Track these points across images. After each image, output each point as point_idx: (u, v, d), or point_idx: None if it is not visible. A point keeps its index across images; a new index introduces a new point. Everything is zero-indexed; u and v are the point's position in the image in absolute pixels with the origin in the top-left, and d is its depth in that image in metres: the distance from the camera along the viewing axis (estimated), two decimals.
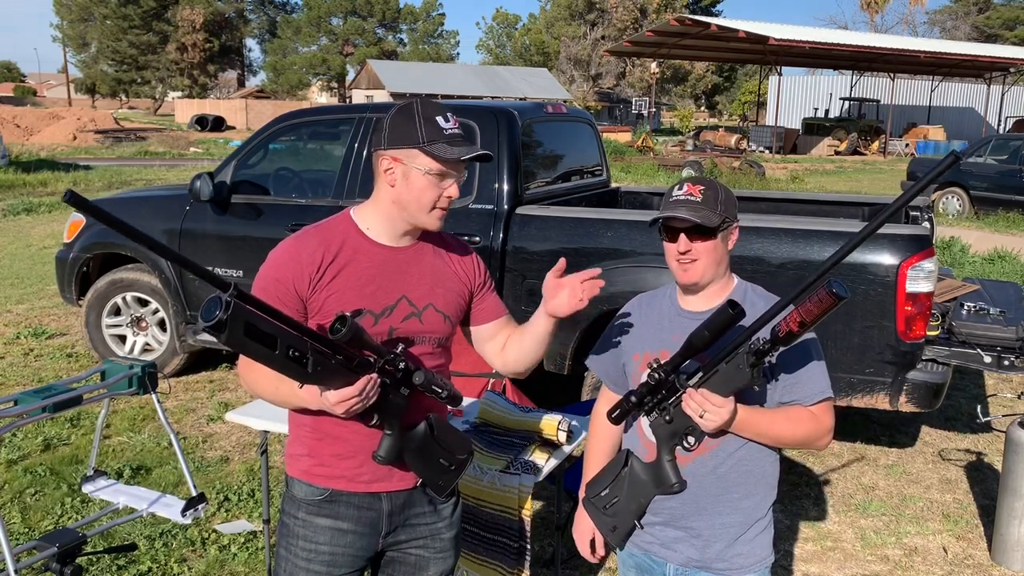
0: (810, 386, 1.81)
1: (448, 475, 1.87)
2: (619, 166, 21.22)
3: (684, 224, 1.80)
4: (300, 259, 1.79)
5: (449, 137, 1.75)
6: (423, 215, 1.80)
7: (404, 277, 1.85)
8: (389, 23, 65.97)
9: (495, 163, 4.49)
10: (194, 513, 2.54)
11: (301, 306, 1.79)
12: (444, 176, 1.77)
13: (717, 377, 1.69)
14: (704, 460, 1.83)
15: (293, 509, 1.90)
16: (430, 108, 1.78)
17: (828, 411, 1.84)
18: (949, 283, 5.00)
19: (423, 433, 1.80)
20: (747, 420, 1.76)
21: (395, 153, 1.77)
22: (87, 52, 59.00)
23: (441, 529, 1.98)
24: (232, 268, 5.11)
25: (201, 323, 1.40)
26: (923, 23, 72.00)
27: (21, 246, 10.59)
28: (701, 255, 1.82)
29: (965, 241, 10.59)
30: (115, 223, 1.35)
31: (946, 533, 3.83)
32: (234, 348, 1.47)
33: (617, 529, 1.91)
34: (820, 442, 1.85)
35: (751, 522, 1.88)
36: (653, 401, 1.79)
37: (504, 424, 3.01)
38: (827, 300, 1.49)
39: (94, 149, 26.82)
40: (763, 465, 1.87)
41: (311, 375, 1.57)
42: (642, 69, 52.48)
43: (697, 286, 1.87)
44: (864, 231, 1.50)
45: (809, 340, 1.82)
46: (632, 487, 1.87)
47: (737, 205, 1.89)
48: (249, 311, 1.45)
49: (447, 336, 1.94)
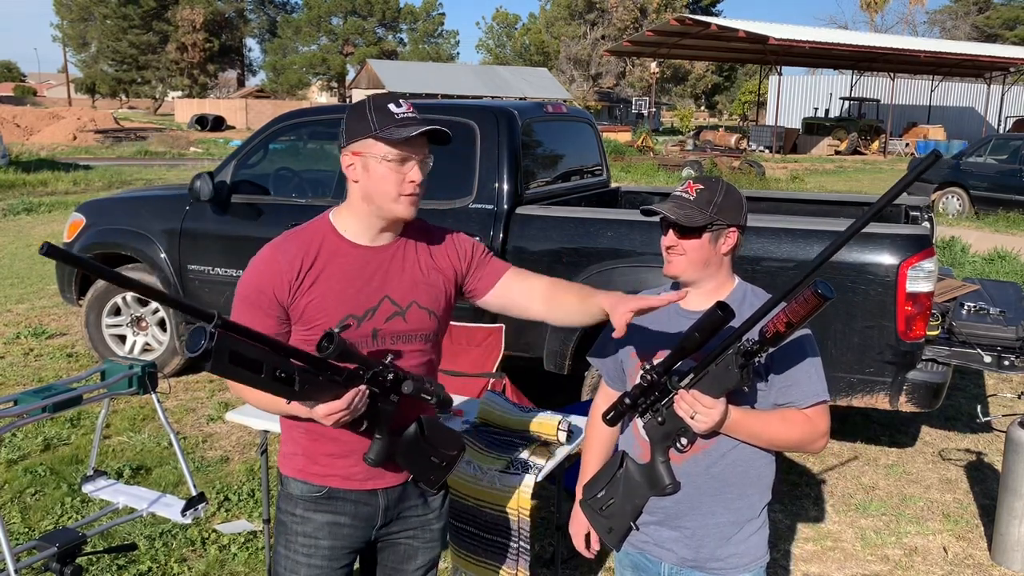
0: (805, 388, 1.81)
1: (439, 471, 1.89)
2: (619, 166, 21.21)
3: (676, 220, 1.83)
4: (279, 267, 1.79)
5: (401, 120, 1.74)
6: (390, 203, 1.78)
7: (385, 277, 1.85)
8: (389, 23, 65.95)
9: (495, 163, 4.49)
10: (194, 513, 2.54)
11: (284, 313, 1.79)
12: (403, 160, 1.76)
13: (707, 378, 1.69)
14: (697, 459, 1.84)
15: (290, 507, 1.91)
16: (382, 98, 1.79)
17: (823, 414, 1.84)
18: (949, 283, 5.00)
19: (413, 435, 1.81)
20: (740, 422, 1.77)
21: (353, 147, 1.78)
22: (87, 52, 58.98)
23: (431, 520, 2.02)
24: (232, 268, 5.11)
25: (187, 353, 1.42)
26: (923, 23, 72.09)
27: (21, 246, 10.59)
28: (687, 251, 1.84)
29: (965, 241, 10.59)
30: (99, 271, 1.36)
31: (946, 533, 3.83)
32: (221, 375, 1.49)
33: (613, 531, 1.91)
34: (814, 445, 1.85)
35: (745, 522, 1.88)
36: (646, 402, 1.79)
37: (504, 424, 3.01)
38: (812, 301, 1.50)
39: (94, 149, 26.81)
40: (758, 466, 1.88)
41: (298, 393, 1.59)
42: (642, 69, 52.48)
43: (678, 280, 1.90)
44: (849, 230, 1.52)
45: (806, 342, 1.83)
46: (627, 489, 1.87)
47: (743, 209, 1.88)
48: (234, 339, 1.46)
49: (435, 332, 1.93)
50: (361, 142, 1.76)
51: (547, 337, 4.37)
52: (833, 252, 1.55)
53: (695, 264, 1.85)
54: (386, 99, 1.78)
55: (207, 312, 1.42)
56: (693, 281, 1.89)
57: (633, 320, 1.97)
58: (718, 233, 1.84)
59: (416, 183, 1.78)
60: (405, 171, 1.77)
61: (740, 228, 1.89)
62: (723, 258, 1.88)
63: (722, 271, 1.90)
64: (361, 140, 1.76)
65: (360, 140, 1.76)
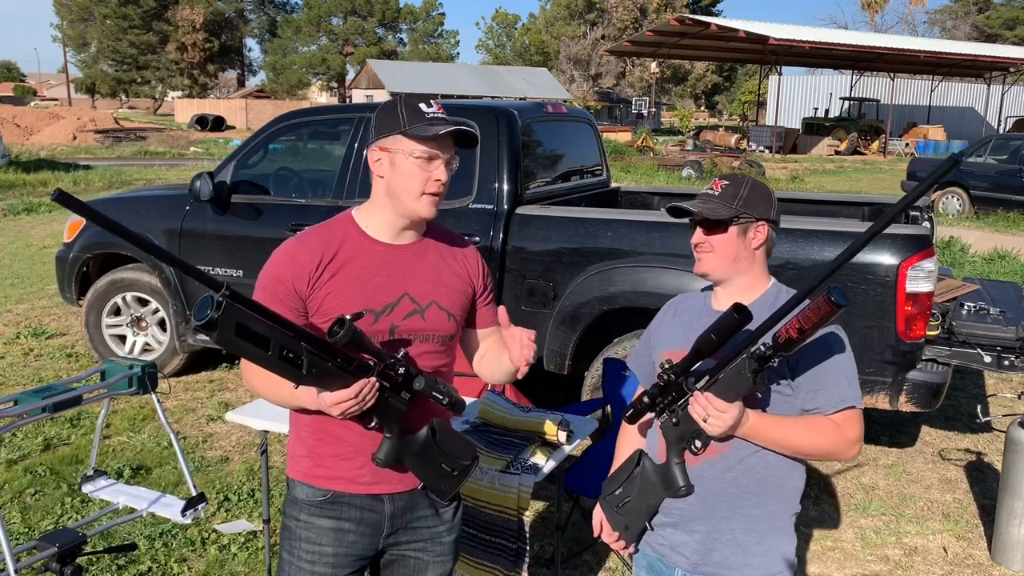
0: (832, 393, 1.76)
1: (451, 480, 1.85)
2: (619, 166, 21.21)
3: (696, 216, 1.83)
4: (299, 258, 1.79)
5: (431, 119, 1.76)
6: (413, 201, 1.79)
7: (406, 274, 1.85)
8: (389, 23, 65.92)
9: (495, 163, 4.49)
10: (194, 513, 2.54)
11: (301, 305, 1.79)
12: (431, 159, 1.77)
13: (721, 382, 1.67)
14: (712, 463, 1.80)
15: (295, 511, 1.89)
16: (414, 98, 1.81)
17: (853, 420, 1.77)
18: (949, 283, 5.00)
19: (425, 438, 1.79)
20: (758, 427, 1.73)
21: (381, 143, 1.79)
22: (87, 52, 58.99)
23: (441, 533, 1.97)
24: (232, 268, 5.12)
25: (193, 321, 1.41)
26: (923, 23, 71.94)
27: (21, 246, 10.59)
28: (714, 247, 1.83)
29: (965, 241, 10.60)
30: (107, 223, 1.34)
31: (946, 533, 3.83)
32: (226, 348, 1.48)
33: (629, 529, 1.90)
34: (844, 454, 1.79)
35: (763, 532, 1.82)
36: (664, 402, 1.78)
37: (504, 424, 3.01)
38: (825, 308, 1.48)
39: (94, 149, 26.81)
40: (779, 474, 1.81)
41: (306, 376, 1.57)
42: (642, 69, 52.48)
43: (708, 277, 1.88)
44: (868, 232, 1.47)
45: (836, 346, 1.78)
46: (643, 487, 1.85)
47: (772, 203, 1.86)
48: (241, 311, 1.45)
49: (451, 335, 1.92)
50: (390, 138, 1.77)
51: (547, 337, 4.37)
52: (851, 256, 1.47)
53: (723, 260, 1.83)
54: (418, 99, 1.80)
55: (217, 281, 1.42)
56: (723, 279, 1.86)
57: (666, 319, 1.99)
58: (746, 227, 1.83)
59: (441, 182, 1.79)
60: (431, 169, 1.78)
61: (770, 223, 1.86)
62: (754, 253, 1.85)
63: (754, 268, 1.87)
64: (390, 136, 1.77)
65: (389, 136, 1.77)
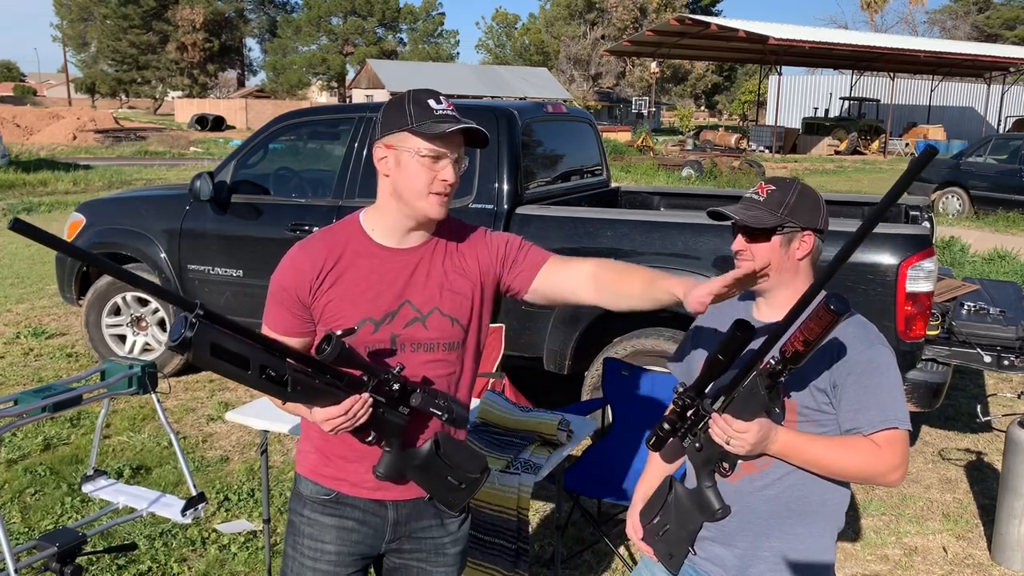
0: (872, 414, 1.66)
1: (459, 493, 1.80)
2: (619, 166, 21.21)
3: (737, 222, 1.74)
4: (302, 267, 1.76)
5: (439, 117, 1.68)
6: (419, 201, 1.72)
7: (408, 281, 1.78)
8: (389, 23, 65.90)
9: (495, 163, 4.49)
10: (194, 513, 2.54)
11: (306, 312, 1.77)
12: (438, 157, 1.70)
13: (737, 401, 1.61)
14: (752, 479, 1.75)
15: (299, 506, 1.88)
16: (423, 93, 1.73)
17: (895, 443, 1.66)
18: (949, 283, 5.00)
19: (428, 452, 1.74)
20: (791, 446, 1.66)
21: (387, 140, 1.72)
22: (87, 52, 58.99)
23: (446, 544, 1.91)
24: (232, 268, 5.12)
25: (167, 341, 1.40)
26: (923, 23, 72.01)
27: (21, 246, 10.58)
28: (755, 256, 1.73)
29: (965, 241, 10.59)
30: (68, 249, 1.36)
31: (946, 533, 3.83)
32: (203, 367, 1.46)
33: (674, 557, 1.84)
34: (885, 478, 1.67)
35: (803, 551, 1.76)
36: (684, 427, 1.71)
37: (504, 424, 3.01)
38: (826, 317, 1.44)
39: (94, 149, 26.80)
40: (821, 492, 1.74)
41: (292, 394, 1.55)
42: (642, 69, 52.47)
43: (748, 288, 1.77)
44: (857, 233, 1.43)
45: (882, 362, 1.70)
46: (679, 514, 1.79)
47: (821, 211, 1.75)
48: (217, 331, 1.43)
49: (458, 341, 1.82)
50: (396, 135, 1.70)
51: (547, 337, 4.37)
52: (842, 262, 1.44)
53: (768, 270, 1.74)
54: (427, 95, 1.72)
55: (189, 302, 1.40)
56: (763, 290, 1.77)
57: (707, 324, 1.88)
58: (790, 236, 1.72)
59: (448, 182, 1.71)
60: (437, 169, 1.70)
61: (817, 232, 1.75)
62: (798, 264, 1.75)
63: (798, 280, 1.76)
64: (396, 133, 1.70)
65: (395, 133, 1.70)
